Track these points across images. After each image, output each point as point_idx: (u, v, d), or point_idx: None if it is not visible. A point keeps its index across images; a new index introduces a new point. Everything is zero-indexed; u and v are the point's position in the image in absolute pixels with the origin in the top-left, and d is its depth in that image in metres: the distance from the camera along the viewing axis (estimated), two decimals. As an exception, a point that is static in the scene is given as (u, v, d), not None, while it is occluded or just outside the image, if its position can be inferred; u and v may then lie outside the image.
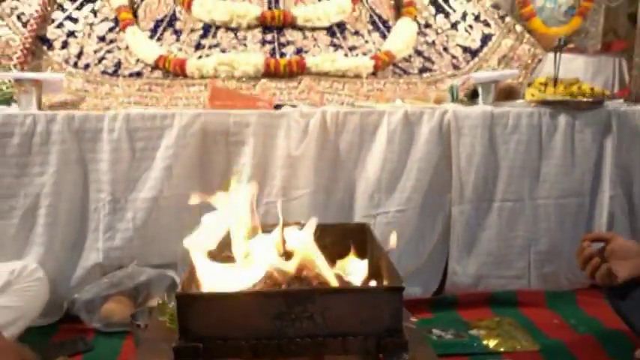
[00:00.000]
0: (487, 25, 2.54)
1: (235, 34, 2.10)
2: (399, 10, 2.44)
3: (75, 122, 1.46)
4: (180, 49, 2.09)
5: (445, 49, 2.43)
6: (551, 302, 1.64)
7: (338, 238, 1.05)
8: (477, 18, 2.53)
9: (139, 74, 2.06)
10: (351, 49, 2.16)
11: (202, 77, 1.96)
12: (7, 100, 2.14)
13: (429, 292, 1.67)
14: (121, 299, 1.49)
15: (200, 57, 2.04)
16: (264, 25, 2.09)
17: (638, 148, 1.69)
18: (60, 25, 2.30)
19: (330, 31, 2.17)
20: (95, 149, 1.48)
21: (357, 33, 2.23)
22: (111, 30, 2.26)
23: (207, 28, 2.12)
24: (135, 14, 2.27)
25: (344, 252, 1.03)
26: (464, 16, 2.52)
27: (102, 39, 2.25)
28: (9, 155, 1.46)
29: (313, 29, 2.14)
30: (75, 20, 2.30)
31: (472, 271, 1.67)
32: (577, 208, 1.68)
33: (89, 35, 2.27)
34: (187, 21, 2.17)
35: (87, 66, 2.17)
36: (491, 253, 1.67)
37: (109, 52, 2.19)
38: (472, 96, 1.92)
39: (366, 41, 2.22)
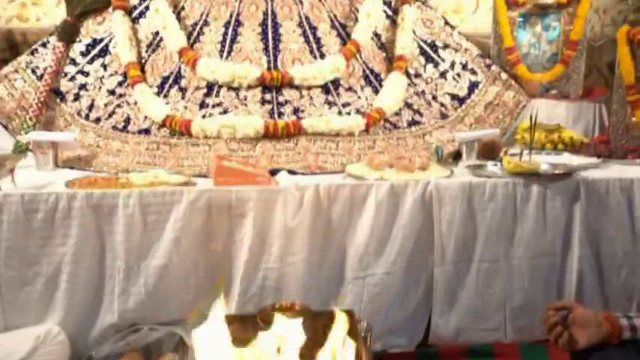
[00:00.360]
0: (474, 73, 2.69)
1: (237, 94, 2.25)
2: (391, 62, 2.59)
3: (93, 199, 1.62)
4: (185, 107, 2.24)
5: (434, 97, 2.59)
6: (525, 353, 1.81)
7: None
8: (464, 67, 2.68)
9: (147, 131, 2.21)
10: (345, 105, 2.31)
11: (206, 137, 2.11)
12: (24, 151, 2.30)
13: (414, 344, 1.84)
14: (133, 356, 1.66)
15: (204, 116, 2.19)
16: (264, 85, 2.25)
17: (605, 212, 1.84)
18: (72, 79, 2.46)
19: (324, 88, 2.33)
20: (111, 222, 1.64)
21: (350, 89, 2.38)
22: (120, 84, 2.41)
23: (211, 87, 2.28)
24: (142, 69, 2.42)
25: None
26: (452, 65, 2.67)
27: (112, 92, 2.40)
28: (34, 228, 1.62)
29: (309, 87, 2.29)
30: (86, 74, 2.45)
31: (453, 325, 1.83)
32: (549, 267, 1.84)
33: (99, 88, 2.42)
34: (192, 79, 2.32)
35: (98, 120, 2.32)
36: (470, 308, 1.83)
37: (118, 106, 2.34)
38: (455, 156, 2.07)
39: (359, 97, 2.37)
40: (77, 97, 2.42)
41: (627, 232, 1.85)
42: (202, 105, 2.23)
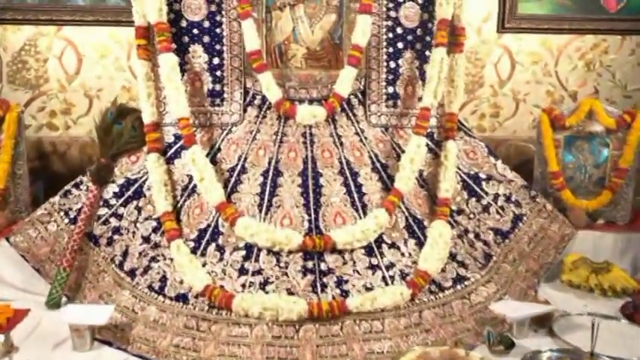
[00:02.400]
0: (518, 205, 2.54)
1: (277, 259, 2.12)
2: (433, 201, 2.44)
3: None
4: (224, 272, 2.11)
5: (477, 235, 2.44)
6: None
7: None
8: (508, 199, 2.53)
9: (184, 297, 2.09)
10: (389, 267, 2.17)
11: (247, 316, 1.99)
12: (57, 303, 2.20)
13: None
14: None
15: (244, 285, 2.06)
16: (306, 251, 2.12)
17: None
18: (105, 222, 2.34)
19: (367, 248, 2.19)
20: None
21: (393, 245, 2.24)
22: (155, 230, 2.30)
23: (250, 249, 2.14)
24: (178, 216, 2.29)
25: None
26: (496, 198, 2.52)
27: (146, 239, 2.28)
28: None
29: (352, 250, 2.16)
30: (120, 217, 2.34)
31: None
32: None
33: (133, 234, 2.30)
34: (230, 236, 2.19)
35: (132, 272, 2.20)
36: None
37: (154, 259, 2.22)
38: (508, 346, 1.93)
39: (402, 254, 2.23)
40: (110, 242, 2.31)
41: None
42: (242, 271, 2.10)
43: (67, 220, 2.34)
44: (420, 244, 2.26)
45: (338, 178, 2.28)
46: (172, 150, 2.37)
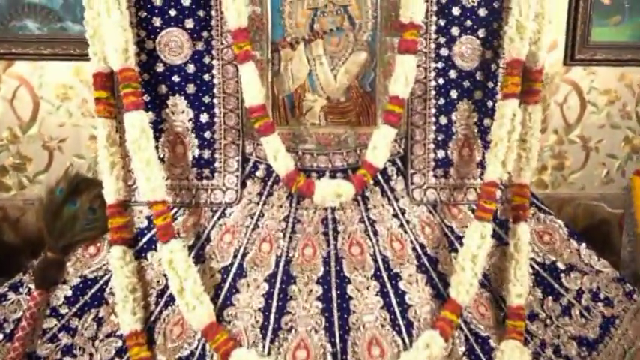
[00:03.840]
0: (609, 304, 1.87)
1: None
2: (499, 305, 1.78)
3: None
4: None
5: (556, 349, 1.78)
6: None
7: None
8: (595, 296, 1.87)
9: None
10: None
11: None
12: None
13: None
14: None
15: None
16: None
17: None
18: (53, 338, 1.70)
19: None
20: None
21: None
22: (120, 354, 1.64)
23: (250, 396, 1.49)
24: (151, 336, 1.64)
25: None
26: (579, 295, 1.85)
27: (111, 364, 1.63)
28: None
29: (395, 397, 1.50)
30: (73, 331, 1.70)
31: None
32: None
33: (91, 356, 1.65)
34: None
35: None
36: None
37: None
38: None
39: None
40: (60, 367, 1.66)
41: None
42: None
43: (0, 336, 1.69)
44: (488, 377, 1.59)
45: (372, 285, 1.61)
46: (145, 238, 1.72)
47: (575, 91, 2.40)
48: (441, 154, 1.79)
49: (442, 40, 1.73)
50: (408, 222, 1.74)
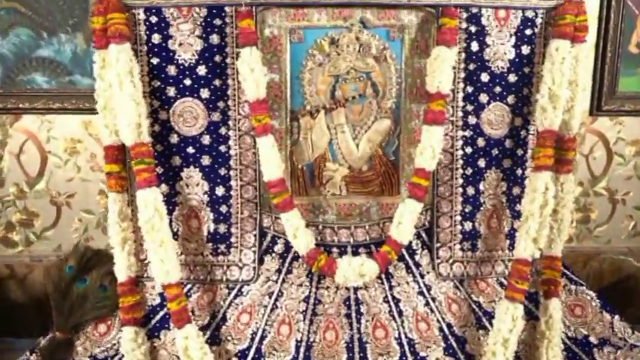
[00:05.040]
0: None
1: None
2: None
3: None
4: None
5: None
6: None
7: None
8: (630, 373, 1.76)
9: None
10: None
11: None
12: None
13: None
14: None
15: None
16: None
17: None
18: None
19: None
20: None
21: None
22: None
23: None
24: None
25: None
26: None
27: None
28: None
29: None
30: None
31: None
32: None
33: None
34: None
35: None
36: None
37: None
38: None
39: None
40: None
41: None
42: None
43: None
44: None
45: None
46: (157, 316, 1.63)
47: (602, 142, 2.31)
48: (468, 226, 1.70)
49: (470, 107, 1.64)
50: (433, 299, 1.65)
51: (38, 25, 2.02)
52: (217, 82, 1.56)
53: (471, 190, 1.67)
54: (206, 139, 1.60)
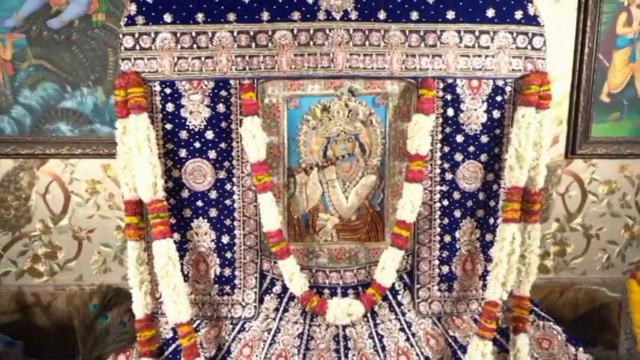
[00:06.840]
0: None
1: None
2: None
3: None
4: None
5: None
6: None
7: None
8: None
9: None
10: None
11: None
12: None
13: None
14: None
15: None
16: None
17: None
18: None
19: None
20: None
21: None
22: None
23: None
24: None
25: None
26: (576, 399, 1.96)
27: None
28: None
29: None
30: None
31: None
32: None
33: None
34: None
35: None
36: None
37: None
38: None
39: None
40: None
41: None
42: None
43: None
44: None
45: (380, 402, 1.75)
46: (170, 348, 1.86)
47: (577, 182, 2.51)
48: (445, 269, 1.92)
49: (446, 165, 1.86)
50: (413, 335, 1.87)
51: (63, 80, 2.25)
52: (223, 145, 1.79)
53: (447, 238, 1.89)
54: (213, 194, 1.82)
